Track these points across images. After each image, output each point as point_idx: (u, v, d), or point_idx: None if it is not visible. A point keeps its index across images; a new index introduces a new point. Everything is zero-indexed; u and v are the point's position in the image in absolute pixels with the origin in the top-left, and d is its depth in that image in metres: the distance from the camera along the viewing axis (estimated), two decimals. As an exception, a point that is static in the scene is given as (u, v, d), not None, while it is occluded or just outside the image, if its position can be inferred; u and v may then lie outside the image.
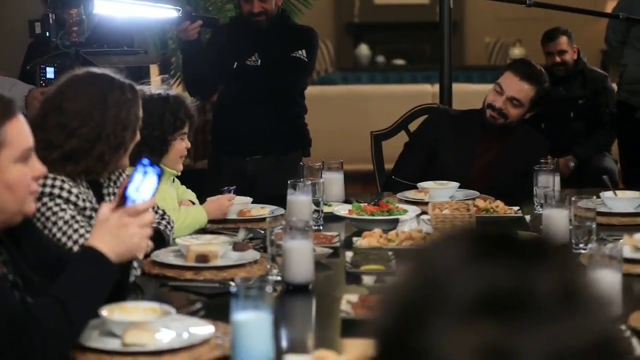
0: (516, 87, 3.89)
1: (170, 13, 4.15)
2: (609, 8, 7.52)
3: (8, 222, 2.06)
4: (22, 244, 2.14)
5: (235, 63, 4.23)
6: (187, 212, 3.18)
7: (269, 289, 1.97)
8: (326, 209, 3.39)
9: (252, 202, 3.52)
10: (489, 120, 3.94)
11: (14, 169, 2.00)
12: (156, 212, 2.94)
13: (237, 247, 2.83)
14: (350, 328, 2.17)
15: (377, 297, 0.94)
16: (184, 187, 3.42)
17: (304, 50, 4.23)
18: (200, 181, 3.88)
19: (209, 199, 3.38)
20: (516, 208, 3.50)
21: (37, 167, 2.07)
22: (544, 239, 0.93)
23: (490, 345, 0.82)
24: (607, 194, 3.56)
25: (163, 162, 3.19)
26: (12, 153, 1.99)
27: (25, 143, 2.03)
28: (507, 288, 0.84)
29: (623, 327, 2.15)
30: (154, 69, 6.23)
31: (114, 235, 2.06)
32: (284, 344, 2.14)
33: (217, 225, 3.27)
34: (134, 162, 2.87)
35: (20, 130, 2.03)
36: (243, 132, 4.28)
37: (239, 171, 4.30)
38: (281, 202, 3.27)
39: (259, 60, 4.23)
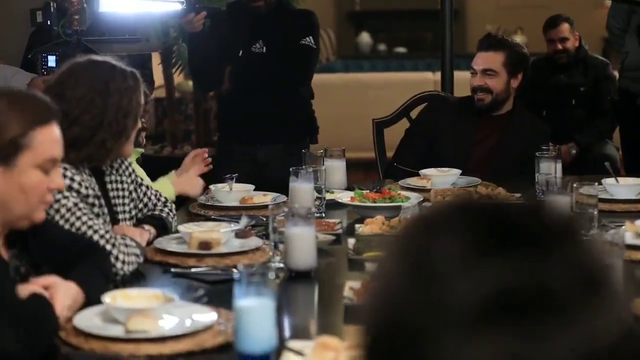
0: (482, 59, 4.04)
1: (174, 6, 4.13)
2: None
3: (12, 224, 2.07)
4: (29, 238, 2.15)
5: (241, 51, 4.18)
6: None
7: (271, 275, 1.98)
8: (328, 196, 3.39)
9: (259, 190, 3.51)
10: (477, 104, 4.03)
11: (32, 174, 2.03)
12: (158, 200, 2.94)
13: (239, 234, 2.83)
14: (353, 314, 2.17)
15: (364, 313, 0.81)
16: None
17: (311, 37, 4.18)
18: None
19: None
20: (518, 195, 3.50)
21: (57, 180, 2.09)
22: (547, 217, 0.79)
23: (512, 356, 0.71)
24: (608, 181, 3.56)
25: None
26: (34, 158, 2.02)
27: (50, 153, 2.05)
28: (519, 287, 0.72)
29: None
30: (155, 57, 6.23)
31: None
32: (287, 330, 2.15)
33: (219, 213, 3.28)
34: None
35: (50, 140, 2.05)
36: (252, 120, 4.22)
37: (250, 158, 4.26)
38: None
39: (264, 48, 4.16)
